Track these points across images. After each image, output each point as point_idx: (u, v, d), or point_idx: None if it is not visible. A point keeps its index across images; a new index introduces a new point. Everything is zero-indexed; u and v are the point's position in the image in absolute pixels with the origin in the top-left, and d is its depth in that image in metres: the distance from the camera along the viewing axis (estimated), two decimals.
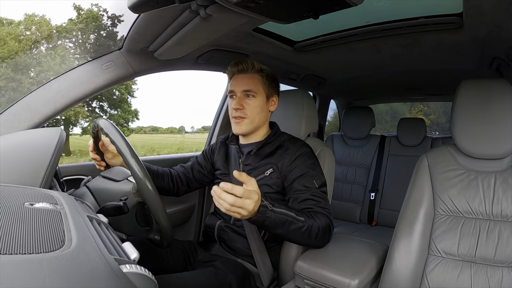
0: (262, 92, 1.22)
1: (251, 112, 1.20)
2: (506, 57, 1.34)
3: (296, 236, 1.02)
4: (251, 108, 1.20)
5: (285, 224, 0.97)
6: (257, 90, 1.20)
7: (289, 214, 0.97)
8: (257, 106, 1.21)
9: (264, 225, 0.94)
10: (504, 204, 1.01)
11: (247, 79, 1.20)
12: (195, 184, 1.41)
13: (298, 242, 1.12)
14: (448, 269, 1.03)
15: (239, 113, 1.19)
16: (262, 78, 1.22)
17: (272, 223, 0.94)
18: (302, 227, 1.00)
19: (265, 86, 1.23)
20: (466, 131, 1.08)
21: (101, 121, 0.96)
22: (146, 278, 0.51)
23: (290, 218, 0.97)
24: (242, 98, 1.20)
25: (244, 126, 1.21)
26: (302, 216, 1.01)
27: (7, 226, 0.45)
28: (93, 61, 1.20)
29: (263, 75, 1.22)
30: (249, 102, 1.20)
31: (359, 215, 2.60)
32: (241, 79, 1.21)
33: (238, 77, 1.22)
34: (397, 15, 1.21)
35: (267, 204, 0.92)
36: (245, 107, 1.20)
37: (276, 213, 0.94)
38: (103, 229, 0.63)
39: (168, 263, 1.22)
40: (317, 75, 2.07)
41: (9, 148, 0.93)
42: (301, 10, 0.79)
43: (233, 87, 1.22)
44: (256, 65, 1.21)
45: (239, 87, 1.20)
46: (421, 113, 7.57)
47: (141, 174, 0.88)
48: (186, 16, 0.91)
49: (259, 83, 1.21)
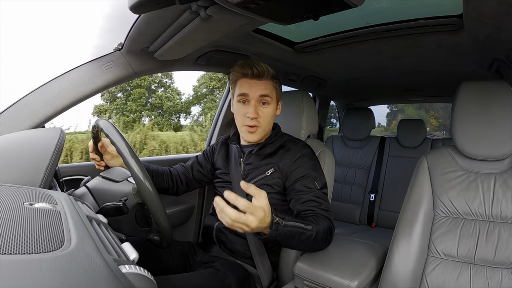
0: (275, 99, 1.21)
1: (265, 121, 1.18)
2: (506, 59, 1.34)
3: (304, 244, 1.03)
4: (265, 116, 1.18)
5: (295, 236, 0.95)
6: (272, 96, 1.19)
7: (299, 226, 0.95)
8: (270, 114, 1.20)
9: (277, 240, 0.92)
10: (504, 206, 1.01)
11: (264, 85, 1.17)
12: (194, 184, 1.41)
13: (304, 249, 1.12)
14: (447, 270, 1.03)
15: (255, 122, 1.17)
16: (275, 84, 1.20)
17: (285, 238, 0.92)
18: (311, 236, 0.98)
19: (277, 92, 1.22)
20: (466, 133, 1.08)
21: (101, 121, 0.96)
22: (145, 279, 0.51)
23: (301, 230, 0.95)
24: (257, 106, 1.17)
25: (258, 135, 1.19)
26: (309, 225, 0.98)
27: (7, 226, 0.45)
28: (93, 61, 1.20)
29: (276, 81, 1.21)
30: (264, 110, 1.18)
31: (358, 216, 2.59)
32: (257, 85, 1.16)
33: (252, 82, 1.16)
34: (397, 16, 1.21)
35: (279, 221, 0.88)
36: (260, 116, 1.17)
37: (288, 227, 0.91)
38: (102, 229, 0.63)
39: (168, 264, 1.22)
40: (317, 76, 2.07)
41: (9, 148, 0.93)
42: (301, 11, 0.79)
43: (247, 90, 1.16)
44: (271, 70, 1.18)
45: (255, 92, 1.16)
46: (432, 117, 8.32)
47: (141, 174, 0.88)
48: (186, 16, 0.91)
49: (273, 90, 1.19)
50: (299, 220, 0.98)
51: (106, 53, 1.22)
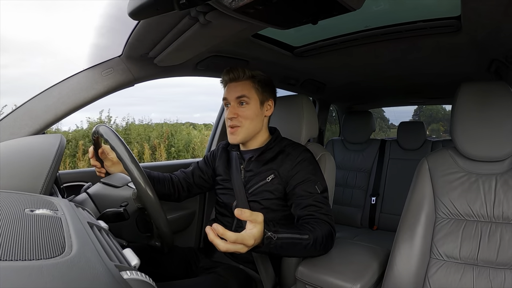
0: (255, 98, 1.21)
1: (245, 120, 1.20)
2: (505, 60, 1.35)
3: (302, 253, 1.02)
4: (245, 115, 1.20)
5: (290, 248, 0.94)
6: (250, 96, 1.20)
7: (294, 237, 0.94)
8: (251, 113, 1.20)
9: (270, 253, 0.92)
10: (505, 206, 1.01)
11: (240, 86, 1.20)
12: (195, 190, 1.41)
13: (303, 256, 1.12)
14: (450, 272, 1.02)
15: (234, 122, 1.19)
16: (254, 83, 1.22)
17: (278, 250, 0.91)
18: (308, 244, 0.97)
19: (258, 91, 1.22)
20: (466, 134, 1.08)
21: (102, 127, 0.97)
22: (147, 285, 0.51)
23: (296, 240, 0.95)
24: (236, 107, 1.20)
25: (239, 135, 1.21)
26: (305, 233, 0.97)
27: (7, 232, 0.45)
28: (93, 67, 1.20)
29: (255, 80, 1.22)
30: (243, 109, 1.20)
31: (360, 219, 2.59)
32: (234, 87, 1.21)
33: (231, 85, 1.22)
34: (395, 19, 1.22)
35: (271, 236, 0.88)
36: (239, 115, 1.19)
37: (281, 240, 0.91)
38: (103, 235, 0.63)
39: (169, 269, 1.21)
40: (317, 80, 2.07)
41: (10, 155, 0.93)
42: (300, 15, 0.80)
43: (226, 95, 1.22)
44: (247, 71, 1.21)
45: (232, 95, 1.20)
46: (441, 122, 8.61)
47: (141, 180, 0.88)
48: (185, 22, 0.91)
49: (251, 90, 1.21)
50: (294, 230, 0.96)
51: (106, 60, 1.22)
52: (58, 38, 7.89)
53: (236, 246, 0.80)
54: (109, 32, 1.23)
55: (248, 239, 0.81)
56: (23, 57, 7.19)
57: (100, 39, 1.28)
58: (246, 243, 0.80)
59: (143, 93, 12.01)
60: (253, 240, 0.82)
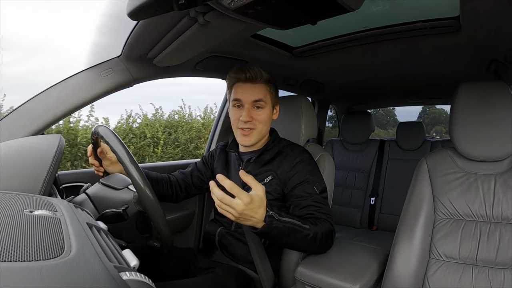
0: (269, 103, 1.20)
1: (260, 124, 1.18)
2: (504, 60, 1.35)
3: (301, 244, 1.01)
4: (260, 119, 1.18)
5: (291, 233, 0.94)
6: (266, 101, 1.18)
7: (295, 223, 0.95)
8: (266, 117, 1.19)
9: (271, 235, 0.92)
10: (505, 206, 1.01)
11: (257, 89, 1.17)
12: (194, 190, 1.41)
13: (302, 249, 1.12)
14: (449, 272, 1.03)
15: (249, 125, 1.17)
16: (269, 87, 1.20)
17: (279, 233, 0.92)
18: (307, 235, 0.98)
19: (272, 96, 1.21)
20: (465, 134, 1.08)
21: (101, 128, 0.97)
22: (146, 286, 0.51)
23: (296, 227, 0.95)
24: (251, 110, 1.17)
25: (253, 138, 1.19)
26: (307, 224, 0.99)
27: (6, 233, 0.45)
28: (92, 68, 1.20)
29: (270, 85, 1.21)
30: (258, 113, 1.18)
31: (359, 219, 2.59)
32: (250, 89, 1.17)
33: (245, 86, 1.17)
34: (394, 20, 1.22)
35: (273, 214, 0.89)
36: (254, 118, 1.17)
37: (283, 223, 0.92)
38: (102, 236, 0.63)
39: (168, 270, 1.21)
40: (316, 80, 2.07)
41: (9, 155, 0.93)
42: (299, 16, 0.80)
43: (240, 95, 1.17)
44: (264, 73, 1.18)
45: (248, 97, 1.16)
46: (443, 124, 8.74)
47: (141, 181, 0.88)
48: (184, 23, 0.91)
49: (267, 94, 1.19)
50: (296, 218, 0.97)
51: (105, 60, 1.22)
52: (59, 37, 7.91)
53: (231, 199, 0.81)
54: (110, 31, 1.22)
55: (246, 195, 0.82)
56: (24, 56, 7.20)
57: (101, 38, 1.28)
58: (242, 198, 0.81)
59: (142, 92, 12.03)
60: (249, 198, 0.82)
